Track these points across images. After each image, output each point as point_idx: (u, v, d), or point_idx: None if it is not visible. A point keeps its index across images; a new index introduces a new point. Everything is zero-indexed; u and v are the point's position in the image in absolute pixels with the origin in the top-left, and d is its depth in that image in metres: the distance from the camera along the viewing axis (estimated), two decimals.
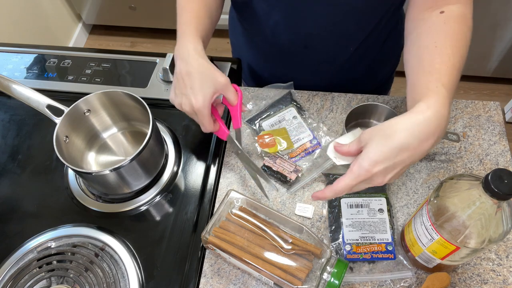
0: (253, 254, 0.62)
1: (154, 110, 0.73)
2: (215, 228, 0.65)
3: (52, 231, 0.74)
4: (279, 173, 0.76)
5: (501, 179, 0.48)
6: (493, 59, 1.89)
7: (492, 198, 0.49)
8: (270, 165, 0.77)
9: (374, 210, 0.72)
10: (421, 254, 0.63)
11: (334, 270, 0.60)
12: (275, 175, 0.77)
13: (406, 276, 0.66)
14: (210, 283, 0.68)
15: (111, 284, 0.67)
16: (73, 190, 0.79)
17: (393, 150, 0.50)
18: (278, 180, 0.77)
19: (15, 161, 0.84)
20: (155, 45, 2.32)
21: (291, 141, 0.80)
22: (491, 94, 2.06)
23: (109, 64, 0.95)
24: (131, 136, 0.84)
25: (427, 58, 0.56)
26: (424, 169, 0.78)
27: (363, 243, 0.69)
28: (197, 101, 0.64)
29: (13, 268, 0.70)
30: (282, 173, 0.76)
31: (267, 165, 0.78)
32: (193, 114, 0.67)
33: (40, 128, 0.88)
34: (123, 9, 2.17)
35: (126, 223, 0.75)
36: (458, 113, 0.85)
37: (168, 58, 0.89)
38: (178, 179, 0.80)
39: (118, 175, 0.71)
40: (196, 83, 0.64)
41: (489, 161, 0.78)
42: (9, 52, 0.99)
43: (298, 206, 0.74)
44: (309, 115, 0.85)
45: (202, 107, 0.64)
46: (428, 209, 0.57)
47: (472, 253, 0.57)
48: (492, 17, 1.69)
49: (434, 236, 0.57)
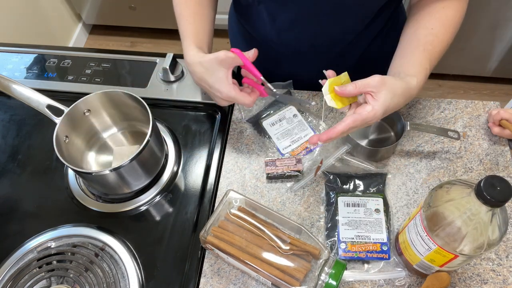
0: (251, 254, 0.62)
1: (154, 110, 0.73)
2: (213, 228, 0.65)
3: (52, 231, 0.74)
4: (285, 173, 0.76)
5: (494, 186, 0.47)
6: (493, 59, 1.89)
7: (486, 205, 0.49)
8: (273, 171, 0.76)
9: (371, 210, 0.72)
10: (419, 263, 0.62)
11: (332, 271, 0.60)
12: (283, 178, 0.77)
13: (400, 276, 0.67)
14: (210, 283, 0.69)
15: (111, 284, 0.67)
16: (73, 190, 0.79)
17: (393, 107, 0.63)
18: (288, 179, 0.77)
19: (15, 161, 0.84)
20: (155, 45, 2.32)
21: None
22: (491, 94, 2.06)
23: (109, 64, 0.95)
24: (131, 136, 0.84)
25: (423, 38, 0.67)
26: (424, 169, 0.78)
27: (358, 242, 0.69)
28: (222, 93, 0.69)
29: (13, 268, 0.70)
30: (288, 171, 0.76)
31: (270, 174, 0.76)
32: (231, 102, 0.72)
33: (40, 128, 0.88)
34: (123, 9, 2.17)
35: (126, 223, 0.75)
36: (458, 113, 0.85)
37: (168, 58, 0.89)
38: (178, 179, 0.80)
39: (118, 175, 0.71)
40: (210, 80, 0.69)
41: (489, 161, 0.78)
42: (9, 52, 0.99)
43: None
44: (310, 113, 0.85)
45: (228, 94, 0.69)
46: (422, 218, 0.57)
47: (470, 259, 0.57)
48: (492, 17, 1.69)
49: (431, 246, 0.57)
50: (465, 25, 1.80)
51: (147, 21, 2.25)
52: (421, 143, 0.81)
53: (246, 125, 0.86)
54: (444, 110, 0.85)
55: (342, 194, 0.74)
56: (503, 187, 0.47)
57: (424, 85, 0.67)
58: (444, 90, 2.08)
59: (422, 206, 0.57)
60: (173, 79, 0.91)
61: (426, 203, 0.56)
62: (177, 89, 0.90)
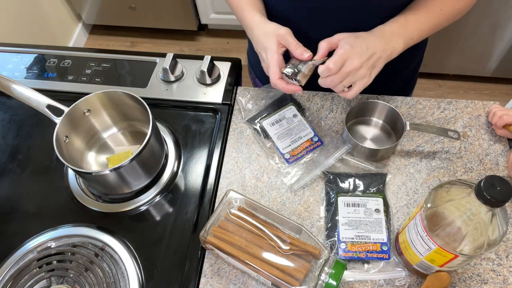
0: (251, 254, 0.62)
1: (154, 110, 0.73)
2: (213, 228, 0.65)
3: (52, 231, 0.74)
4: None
5: (494, 186, 0.47)
6: (493, 59, 1.89)
7: (486, 205, 0.49)
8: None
9: (371, 210, 0.72)
10: (419, 263, 0.62)
11: (332, 271, 0.60)
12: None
13: (400, 276, 0.67)
14: (210, 283, 0.69)
15: (111, 284, 0.67)
16: (73, 190, 0.79)
17: (362, 42, 0.66)
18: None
19: (15, 161, 0.84)
20: (155, 45, 2.32)
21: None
22: (491, 94, 2.06)
23: (109, 64, 0.95)
24: (131, 136, 0.84)
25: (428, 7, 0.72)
26: (424, 169, 0.78)
27: (358, 242, 0.69)
28: (267, 53, 0.70)
29: (13, 268, 0.70)
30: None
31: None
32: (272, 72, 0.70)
33: (40, 128, 0.88)
34: (123, 9, 2.17)
35: (126, 223, 0.75)
36: (458, 113, 0.85)
37: (168, 58, 0.89)
38: (178, 179, 0.80)
39: (118, 175, 0.71)
40: (263, 42, 0.70)
41: (489, 161, 0.78)
42: (9, 52, 0.99)
43: None
44: (310, 114, 0.85)
45: (270, 60, 0.69)
46: (422, 218, 0.57)
47: (470, 259, 0.57)
48: (492, 17, 1.69)
49: (431, 246, 0.57)
50: (465, 25, 1.81)
51: (147, 21, 2.25)
52: (421, 143, 0.81)
53: (246, 125, 0.86)
54: (444, 110, 0.85)
55: (342, 194, 0.74)
56: (503, 187, 0.47)
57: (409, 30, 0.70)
58: (444, 90, 2.08)
59: (422, 206, 0.57)
60: (173, 79, 0.91)
61: (426, 203, 0.56)
62: (177, 89, 0.90)
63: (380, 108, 0.81)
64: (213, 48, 2.26)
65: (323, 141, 0.82)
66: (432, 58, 1.92)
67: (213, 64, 0.90)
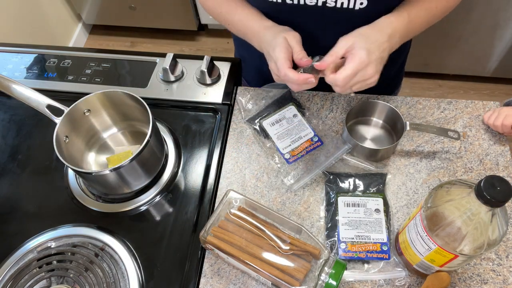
0: (251, 254, 0.62)
1: (154, 110, 0.73)
2: (213, 228, 0.65)
3: (52, 231, 0.74)
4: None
5: (494, 186, 0.47)
6: (493, 59, 1.89)
7: (486, 205, 0.49)
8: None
9: (371, 210, 0.72)
10: (419, 263, 0.62)
11: (332, 271, 0.60)
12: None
13: (400, 276, 0.67)
14: (210, 283, 0.69)
15: (111, 284, 0.67)
16: (73, 190, 0.79)
17: (373, 43, 0.64)
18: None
19: (15, 161, 0.84)
20: (155, 45, 2.32)
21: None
22: (491, 94, 2.06)
23: (109, 64, 0.95)
24: (131, 136, 0.84)
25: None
26: (424, 169, 0.78)
27: (358, 242, 0.69)
28: (274, 52, 0.67)
29: (13, 268, 0.70)
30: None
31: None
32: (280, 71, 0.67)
33: (40, 128, 0.88)
34: (123, 9, 2.17)
35: (126, 223, 0.75)
36: (458, 113, 0.85)
37: (168, 58, 0.89)
38: (178, 179, 0.80)
39: (118, 175, 0.71)
40: (270, 50, 0.68)
41: (489, 161, 0.78)
42: (9, 52, 0.99)
43: None
44: (310, 114, 0.85)
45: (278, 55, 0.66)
46: (422, 218, 0.57)
47: (470, 259, 0.57)
48: (492, 17, 1.69)
49: (431, 246, 0.57)
50: (465, 25, 1.81)
51: (147, 21, 2.25)
52: (421, 143, 0.81)
53: (246, 125, 0.86)
54: (444, 110, 0.85)
55: (342, 194, 0.74)
56: (503, 187, 0.47)
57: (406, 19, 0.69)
58: (444, 90, 2.08)
59: (422, 206, 0.57)
60: (173, 79, 0.91)
61: (426, 203, 0.56)
62: (177, 89, 0.90)
63: (380, 108, 0.81)
64: (213, 48, 2.26)
65: (323, 141, 0.82)
66: (432, 58, 1.93)
67: (213, 64, 0.90)
